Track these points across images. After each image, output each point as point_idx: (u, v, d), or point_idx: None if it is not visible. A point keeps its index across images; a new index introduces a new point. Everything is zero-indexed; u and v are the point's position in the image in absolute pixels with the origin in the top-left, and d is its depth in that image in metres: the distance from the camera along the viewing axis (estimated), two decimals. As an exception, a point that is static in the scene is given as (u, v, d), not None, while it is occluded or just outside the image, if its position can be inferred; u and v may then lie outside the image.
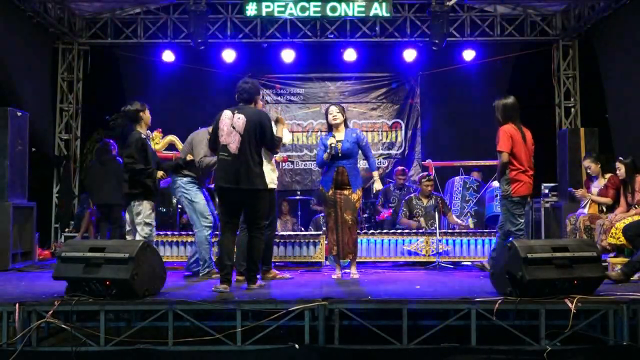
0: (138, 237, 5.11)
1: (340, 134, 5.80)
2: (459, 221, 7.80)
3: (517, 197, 5.31)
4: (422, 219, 7.61)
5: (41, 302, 4.13)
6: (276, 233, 7.18)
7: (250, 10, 8.73)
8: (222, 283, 4.77)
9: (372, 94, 10.72)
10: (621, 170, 6.27)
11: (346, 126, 5.88)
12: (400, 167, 9.00)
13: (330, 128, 5.88)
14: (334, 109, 5.85)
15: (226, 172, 4.86)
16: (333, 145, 5.63)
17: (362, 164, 6.75)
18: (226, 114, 4.96)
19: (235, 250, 5.16)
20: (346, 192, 5.71)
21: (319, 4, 8.66)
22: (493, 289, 4.52)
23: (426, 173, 8.18)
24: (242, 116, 4.88)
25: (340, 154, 5.67)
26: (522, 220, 5.43)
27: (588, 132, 8.83)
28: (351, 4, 8.57)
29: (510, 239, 5.29)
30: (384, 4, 8.63)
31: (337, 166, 5.70)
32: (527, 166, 5.36)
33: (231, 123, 4.88)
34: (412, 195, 7.91)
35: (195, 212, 5.70)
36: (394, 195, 8.59)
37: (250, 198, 4.90)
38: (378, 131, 10.62)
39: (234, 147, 4.83)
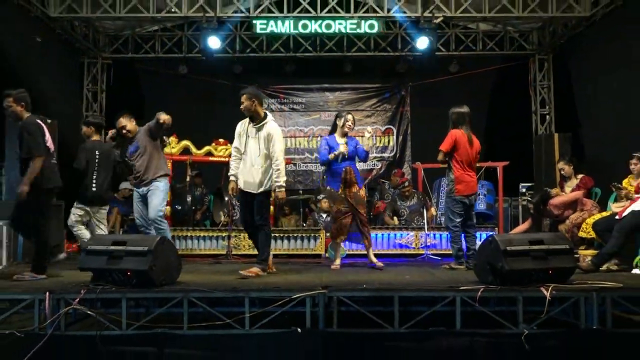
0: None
1: (343, 139, 5.83)
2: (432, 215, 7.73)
3: (458, 196, 5.49)
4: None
5: (69, 291, 4.13)
6: (281, 229, 7.22)
7: (257, 27, 8.72)
8: None
9: (366, 102, 10.74)
10: (638, 165, 5.82)
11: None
12: (398, 170, 9.15)
13: (334, 130, 5.90)
14: (351, 118, 5.85)
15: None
16: (339, 153, 5.70)
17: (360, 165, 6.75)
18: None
19: None
20: (354, 189, 5.72)
21: (319, 22, 8.63)
22: (476, 278, 4.52)
23: (401, 180, 8.06)
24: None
25: (347, 156, 5.74)
26: (459, 220, 5.54)
27: (562, 137, 8.86)
28: (344, 21, 8.56)
29: (449, 235, 5.63)
30: (371, 21, 8.61)
31: (345, 167, 5.72)
32: (469, 169, 5.54)
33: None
34: (394, 198, 7.89)
35: None
36: (388, 192, 8.62)
37: None
38: (372, 136, 10.62)
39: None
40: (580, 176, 6.71)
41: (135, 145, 5.53)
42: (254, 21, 8.75)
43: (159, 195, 5.44)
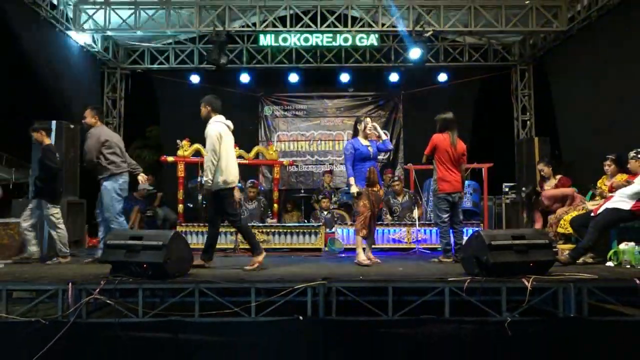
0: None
1: (366, 141, 5.66)
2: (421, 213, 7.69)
3: (442, 194, 5.47)
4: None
5: (90, 282, 4.13)
6: (284, 224, 7.19)
7: (263, 40, 8.72)
8: None
9: (362, 109, 10.72)
10: (612, 167, 5.70)
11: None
12: (388, 169, 9.13)
13: (356, 134, 5.68)
14: (369, 121, 5.63)
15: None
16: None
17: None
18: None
19: None
20: (376, 188, 5.54)
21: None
22: (463, 270, 4.51)
23: (391, 176, 8.11)
24: None
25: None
26: (446, 215, 5.48)
27: (541, 141, 8.84)
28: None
29: (438, 230, 5.55)
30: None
31: (370, 167, 5.53)
32: (452, 168, 5.47)
33: None
34: (388, 196, 7.86)
35: None
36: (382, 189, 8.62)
37: None
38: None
39: None
40: (558, 177, 6.71)
41: None
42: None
43: (106, 196, 5.49)
